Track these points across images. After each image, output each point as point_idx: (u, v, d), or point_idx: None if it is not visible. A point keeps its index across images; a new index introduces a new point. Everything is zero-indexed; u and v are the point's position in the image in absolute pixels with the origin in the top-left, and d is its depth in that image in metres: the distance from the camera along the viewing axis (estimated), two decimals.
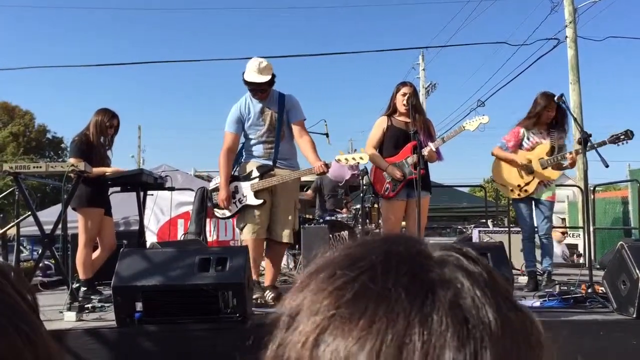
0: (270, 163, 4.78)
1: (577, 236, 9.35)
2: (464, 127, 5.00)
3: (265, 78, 4.64)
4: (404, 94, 5.08)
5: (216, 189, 4.89)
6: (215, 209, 4.94)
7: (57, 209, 8.61)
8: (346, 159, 4.67)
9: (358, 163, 4.78)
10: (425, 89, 26.14)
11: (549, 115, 5.34)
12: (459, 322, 0.44)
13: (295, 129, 4.82)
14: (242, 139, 4.97)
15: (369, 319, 0.44)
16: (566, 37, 12.93)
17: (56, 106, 79.65)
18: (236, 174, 4.88)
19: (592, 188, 7.67)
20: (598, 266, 6.63)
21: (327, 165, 4.59)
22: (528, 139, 5.41)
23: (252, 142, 4.84)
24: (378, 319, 0.44)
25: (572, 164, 5.31)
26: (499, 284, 0.50)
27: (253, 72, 4.65)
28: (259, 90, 4.71)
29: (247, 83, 4.69)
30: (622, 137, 5.03)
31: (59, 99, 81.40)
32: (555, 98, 5.17)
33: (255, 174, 4.75)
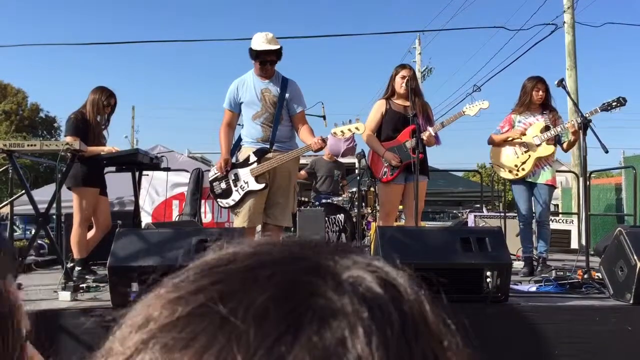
0: (267, 146, 4.65)
1: (570, 222, 9.35)
2: (463, 112, 4.97)
3: (276, 46, 4.56)
4: (403, 77, 5.04)
5: (216, 179, 4.77)
6: (218, 199, 4.79)
7: (50, 188, 8.55)
8: (342, 132, 4.60)
9: (353, 134, 4.68)
10: (421, 73, 25.99)
11: (539, 96, 5.31)
12: None
13: (296, 119, 4.73)
14: (242, 121, 4.85)
15: (194, 356, 0.32)
16: (564, 22, 12.85)
17: (49, 85, 79.12)
18: (233, 161, 4.77)
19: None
20: (592, 252, 6.64)
21: (324, 140, 4.48)
22: (520, 122, 5.39)
23: (250, 122, 4.71)
24: (206, 358, 0.31)
25: (575, 134, 5.00)
26: (424, 333, 0.34)
27: (262, 42, 4.55)
28: (268, 62, 4.58)
29: (257, 53, 4.55)
30: (614, 104, 4.96)
31: (52, 78, 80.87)
32: (556, 83, 5.13)
33: (253, 158, 4.63)
